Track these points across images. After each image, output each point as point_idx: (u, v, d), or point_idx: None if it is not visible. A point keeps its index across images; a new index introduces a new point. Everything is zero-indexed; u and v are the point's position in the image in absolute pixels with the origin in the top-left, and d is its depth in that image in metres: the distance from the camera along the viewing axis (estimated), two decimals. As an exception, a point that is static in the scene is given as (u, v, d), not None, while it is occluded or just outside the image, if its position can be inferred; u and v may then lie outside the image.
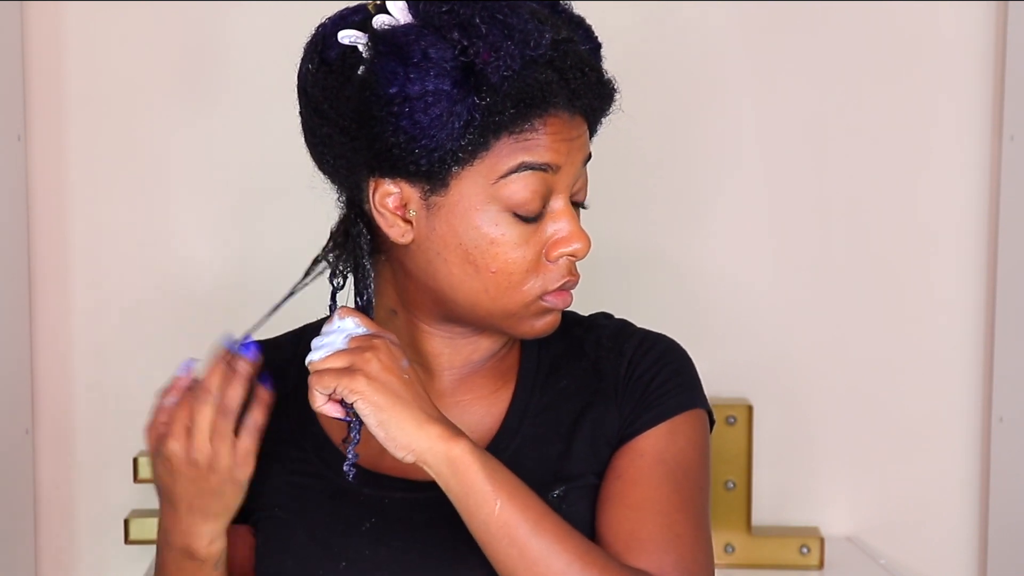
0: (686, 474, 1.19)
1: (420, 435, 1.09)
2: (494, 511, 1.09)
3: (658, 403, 1.21)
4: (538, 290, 1.15)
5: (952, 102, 2.15)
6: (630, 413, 1.21)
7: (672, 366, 1.23)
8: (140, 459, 2.05)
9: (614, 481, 1.19)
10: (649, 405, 1.21)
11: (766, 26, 2.15)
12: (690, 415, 1.21)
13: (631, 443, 1.20)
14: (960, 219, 2.16)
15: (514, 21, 1.09)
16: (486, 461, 1.10)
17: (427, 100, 1.08)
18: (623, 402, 1.21)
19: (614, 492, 1.18)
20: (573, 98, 1.12)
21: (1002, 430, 2.11)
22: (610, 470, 1.20)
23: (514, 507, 1.09)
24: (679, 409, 1.21)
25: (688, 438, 1.21)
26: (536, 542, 1.09)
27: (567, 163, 1.14)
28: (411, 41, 1.09)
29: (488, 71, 1.08)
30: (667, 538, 1.15)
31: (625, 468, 1.19)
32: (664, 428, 1.20)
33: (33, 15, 2.12)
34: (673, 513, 1.16)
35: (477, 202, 1.12)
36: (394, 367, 1.10)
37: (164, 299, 2.15)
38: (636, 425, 1.20)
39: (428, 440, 1.09)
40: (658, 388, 1.21)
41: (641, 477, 1.18)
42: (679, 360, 1.24)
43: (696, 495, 1.19)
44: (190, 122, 2.14)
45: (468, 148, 1.10)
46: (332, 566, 1.17)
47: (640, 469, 1.18)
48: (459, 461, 1.09)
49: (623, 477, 1.18)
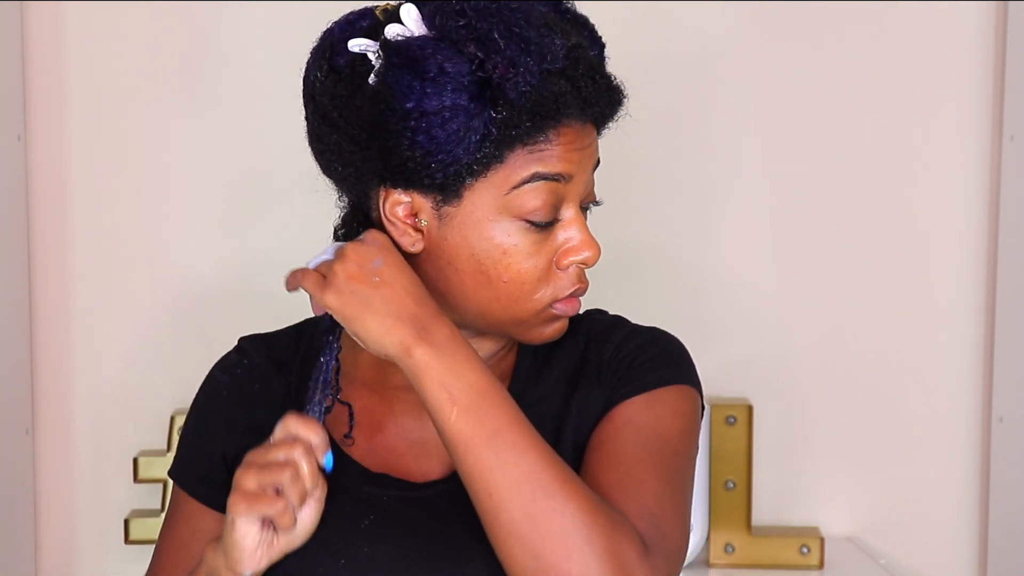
0: (667, 443, 1.16)
1: (384, 340, 1.10)
2: (450, 418, 1.09)
3: (639, 376, 1.19)
4: (549, 298, 1.16)
5: (952, 102, 2.15)
6: (612, 389, 1.19)
7: (659, 347, 1.22)
8: (140, 459, 2.05)
9: (593, 451, 1.17)
10: (631, 379, 1.19)
11: (768, 26, 2.15)
12: (673, 389, 1.19)
13: (610, 413, 1.18)
14: (960, 219, 2.16)
15: (531, 34, 1.09)
16: (448, 366, 1.09)
17: (444, 115, 1.08)
18: (607, 380, 1.20)
19: (591, 460, 1.16)
20: (585, 107, 1.13)
21: (1002, 430, 2.11)
22: (591, 441, 1.18)
23: (470, 416, 1.08)
24: (660, 383, 1.19)
25: (668, 407, 1.18)
26: (491, 452, 1.08)
27: (579, 172, 1.14)
28: (428, 55, 1.09)
29: (506, 86, 1.08)
30: (628, 483, 1.12)
31: (596, 434, 1.17)
32: (644, 398, 1.18)
33: (33, 15, 2.11)
34: (636, 464, 1.14)
35: (490, 213, 1.12)
36: (360, 274, 1.11)
37: (164, 299, 2.15)
38: (615, 397, 1.19)
39: (391, 345, 1.10)
40: (641, 365, 1.20)
41: (607, 439, 1.16)
42: (668, 343, 1.23)
43: (676, 464, 1.16)
44: (190, 122, 2.14)
45: (483, 161, 1.10)
46: (331, 564, 1.17)
47: (608, 432, 1.17)
48: (417, 367, 1.09)
49: (602, 444, 1.17)
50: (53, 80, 2.13)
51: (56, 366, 2.15)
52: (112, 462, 2.14)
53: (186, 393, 1.32)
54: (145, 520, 2.05)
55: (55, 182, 2.14)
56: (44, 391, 2.15)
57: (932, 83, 2.16)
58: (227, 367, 1.28)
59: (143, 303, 2.16)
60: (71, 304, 2.16)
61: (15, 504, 2.10)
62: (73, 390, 2.16)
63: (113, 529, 2.11)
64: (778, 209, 2.17)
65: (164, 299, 2.15)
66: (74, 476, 2.17)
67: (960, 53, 2.14)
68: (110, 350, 2.16)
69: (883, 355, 2.17)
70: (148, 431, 2.12)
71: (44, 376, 2.15)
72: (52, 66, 2.13)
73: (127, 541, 2.06)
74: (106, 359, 2.16)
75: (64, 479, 2.17)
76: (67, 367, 2.16)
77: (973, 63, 2.14)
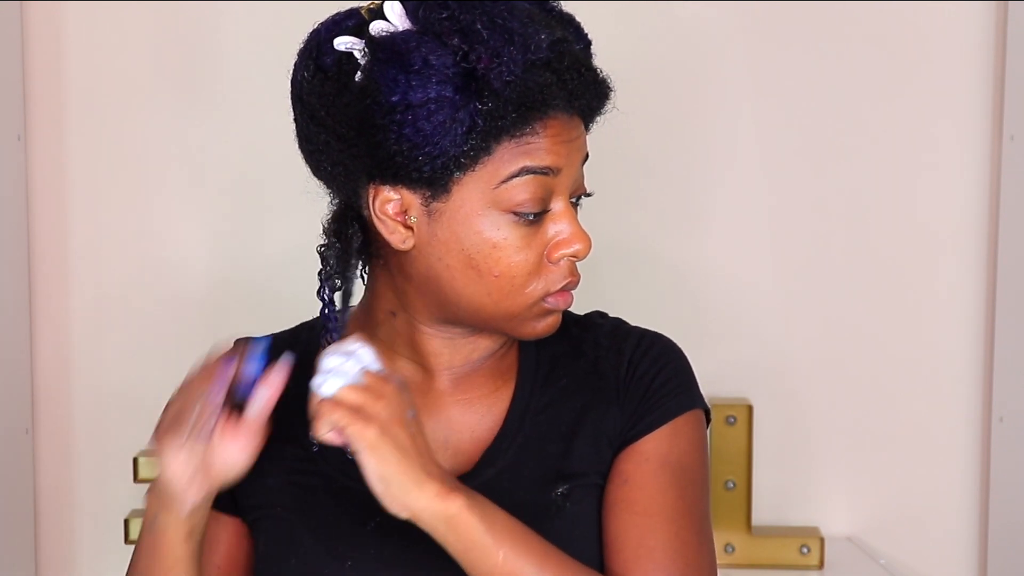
0: (691, 479, 1.20)
1: (418, 495, 1.08)
2: (498, 563, 1.10)
3: (660, 405, 1.21)
4: (540, 292, 1.16)
5: (952, 102, 2.15)
6: (632, 414, 1.21)
7: (671, 366, 1.24)
8: (140, 459, 2.05)
9: (620, 486, 1.20)
10: (651, 407, 1.21)
11: (765, 25, 2.15)
12: (690, 416, 1.23)
13: (634, 446, 1.21)
14: (960, 219, 2.16)
15: (514, 25, 1.10)
16: (484, 513, 1.10)
17: (430, 107, 1.08)
18: (625, 403, 1.22)
19: (620, 498, 1.19)
20: (571, 99, 1.13)
21: (1002, 430, 2.11)
22: (615, 474, 1.20)
23: (517, 554, 1.10)
24: (680, 410, 1.22)
25: (689, 439, 1.22)
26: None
27: (567, 165, 1.14)
28: (411, 48, 1.09)
29: (491, 77, 1.08)
30: (675, 546, 1.17)
31: (631, 473, 1.20)
32: (666, 430, 1.21)
33: (33, 15, 2.11)
34: (679, 519, 1.18)
35: (479, 207, 1.12)
36: (403, 419, 1.10)
37: (164, 299, 2.15)
38: (639, 427, 1.21)
39: (425, 500, 1.08)
40: (659, 389, 1.22)
41: (647, 482, 1.19)
42: (677, 359, 1.25)
43: (700, 499, 1.21)
44: (190, 122, 2.14)
45: (470, 154, 1.10)
46: (337, 565, 1.17)
47: (645, 474, 1.19)
48: (457, 519, 1.09)
49: (629, 482, 1.19)
50: (53, 80, 2.13)
51: (56, 366, 2.15)
52: (112, 462, 2.14)
53: (186, 393, 1.31)
54: (145, 520, 2.04)
55: (55, 182, 2.14)
56: (44, 391, 2.15)
57: (932, 83, 2.16)
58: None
59: (143, 303, 2.16)
60: (71, 304, 2.16)
61: (15, 504, 2.10)
62: (73, 390, 2.16)
63: (113, 529, 2.11)
64: (777, 208, 2.17)
65: (164, 299, 2.15)
66: (74, 476, 2.17)
67: (960, 53, 2.14)
68: (110, 350, 2.16)
69: (883, 355, 2.17)
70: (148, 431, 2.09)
71: (44, 376, 2.15)
72: (52, 66, 2.13)
73: (127, 541, 2.06)
74: (106, 359, 2.16)
75: (64, 479, 2.17)
76: (67, 367, 2.16)
77: (973, 63, 2.14)
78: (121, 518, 2.09)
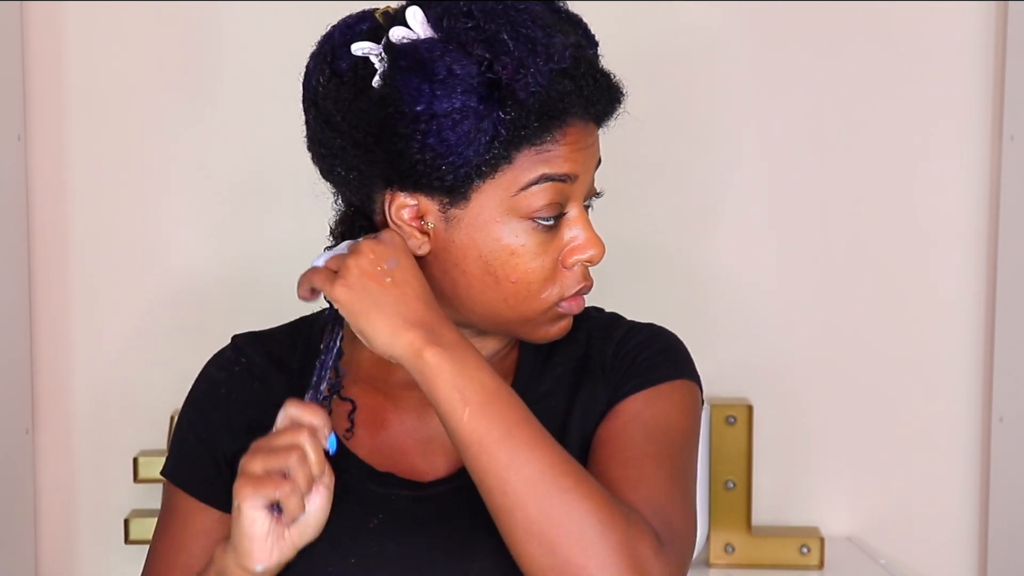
0: (664, 432, 1.18)
1: (394, 342, 1.10)
2: (462, 419, 1.08)
3: (642, 373, 1.21)
4: (555, 297, 1.16)
5: (952, 101, 2.15)
6: (616, 386, 1.21)
7: (659, 344, 1.23)
8: (140, 459, 2.05)
9: (594, 447, 1.18)
10: (634, 375, 1.21)
11: (768, 26, 2.15)
12: (675, 384, 1.21)
13: (613, 409, 1.20)
14: (960, 219, 2.16)
15: (537, 34, 1.10)
16: (457, 369, 1.09)
17: (455, 117, 1.08)
18: (609, 378, 1.21)
19: (591, 455, 1.18)
20: (588, 106, 1.13)
21: (1002, 430, 2.11)
22: (592, 439, 1.20)
23: (483, 415, 1.08)
24: (662, 379, 1.20)
25: (672, 401, 1.20)
26: (505, 451, 1.07)
27: (583, 171, 1.15)
28: (436, 57, 1.09)
29: (516, 87, 1.08)
30: (637, 480, 1.13)
31: (602, 430, 1.19)
32: (645, 393, 1.20)
33: (33, 15, 2.11)
34: (644, 459, 1.15)
35: (497, 214, 1.13)
36: (374, 272, 1.11)
37: (164, 299, 2.15)
38: (619, 393, 1.20)
39: (400, 347, 1.10)
40: (644, 361, 1.21)
41: (614, 435, 1.18)
42: (667, 340, 1.25)
43: (675, 452, 1.17)
44: (190, 122, 2.14)
45: (492, 162, 1.11)
46: (341, 563, 1.17)
47: (614, 428, 1.18)
48: (428, 368, 1.09)
49: (599, 438, 1.18)
50: (53, 80, 2.13)
51: (56, 366, 2.15)
52: (112, 462, 2.14)
53: (186, 393, 1.32)
54: (145, 520, 2.04)
55: (55, 182, 2.14)
56: (44, 391, 2.15)
57: (932, 83, 2.16)
58: (224, 365, 1.27)
59: (143, 303, 2.16)
60: (71, 304, 2.16)
61: (15, 504, 2.10)
62: (73, 390, 2.16)
63: (113, 529, 2.11)
64: (778, 208, 2.17)
65: (164, 299, 2.15)
66: (74, 476, 2.17)
67: (960, 53, 2.14)
68: (110, 350, 2.16)
69: (883, 355, 2.17)
70: (148, 431, 2.12)
71: (44, 376, 2.15)
72: (52, 66, 2.13)
73: (127, 541, 2.06)
74: (106, 359, 2.16)
75: (64, 479, 2.17)
76: (67, 367, 2.16)
77: (973, 63, 2.14)
78: (121, 518, 2.09)
